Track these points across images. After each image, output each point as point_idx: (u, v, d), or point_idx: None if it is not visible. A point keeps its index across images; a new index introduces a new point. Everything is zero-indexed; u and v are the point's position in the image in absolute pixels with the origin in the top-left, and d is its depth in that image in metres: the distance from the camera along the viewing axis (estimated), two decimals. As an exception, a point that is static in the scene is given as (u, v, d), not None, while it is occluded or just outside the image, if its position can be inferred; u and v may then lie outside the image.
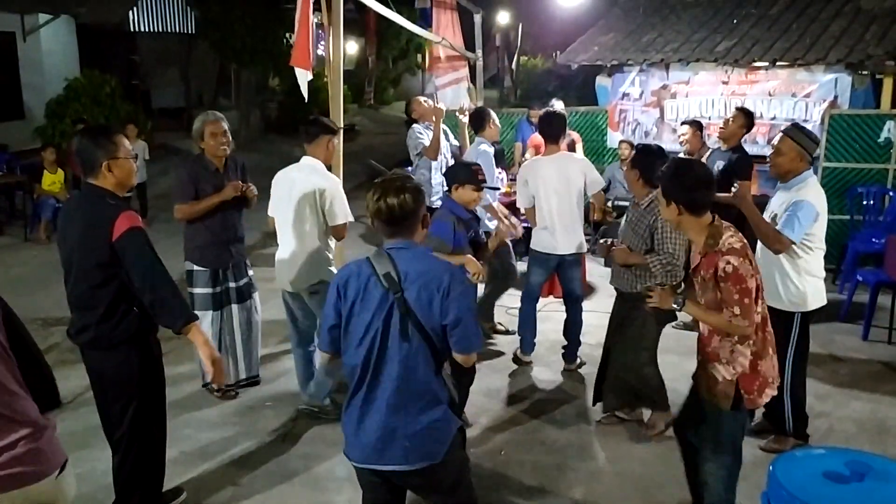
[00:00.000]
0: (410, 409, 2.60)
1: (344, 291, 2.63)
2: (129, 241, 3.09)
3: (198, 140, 4.73)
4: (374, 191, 2.63)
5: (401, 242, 2.64)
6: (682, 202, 3.03)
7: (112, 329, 3.20)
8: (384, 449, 2.61)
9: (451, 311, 2.55)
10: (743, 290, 2.92)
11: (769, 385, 3.13)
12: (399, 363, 2.58)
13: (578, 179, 5.19)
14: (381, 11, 7.55)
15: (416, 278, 2.55)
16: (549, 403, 5.02)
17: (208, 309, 4.80)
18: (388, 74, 28.20)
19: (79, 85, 12.53)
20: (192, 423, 4.66)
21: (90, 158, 3.17)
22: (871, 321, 6.10)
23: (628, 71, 9.44)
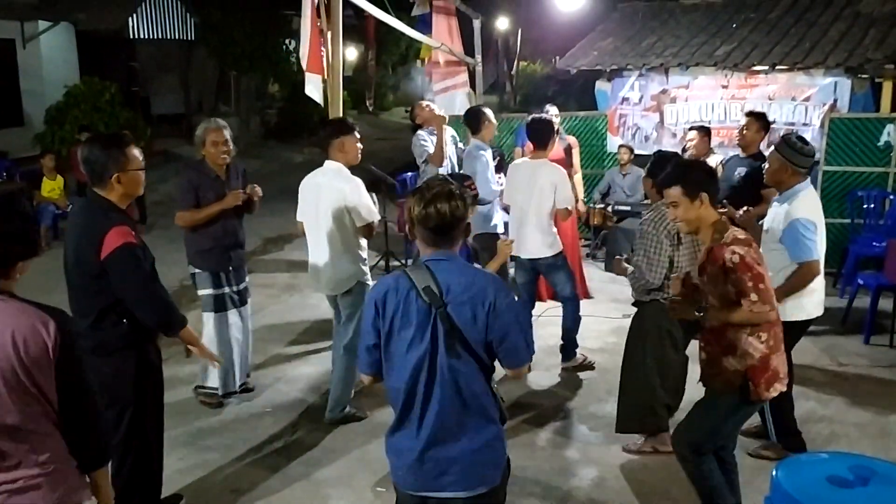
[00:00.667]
0: (465, 429, 2.45)
1: (382, 307, 2.45)
2: (118, 258, 3.08)
3: (199, 147, 4.76)
4: (422, 196, 2.44)
5: (440, 254, 2.47)
6: (708, 192, 3.10)
7: (104, 336, 3.21)
8: (441, 475, 2.46)
9: (496, 326, 2.40)
10: (755, 275, 2.96)
11: (779, 380, 3.15)
12: (449, 382, 2.41)
13: (548, 190, 5.13)
14: (381, 17, 7.55)
15: (459, 292, 2.40)
16: (550, 408, 5.00)
17: (211, 311, 4.85)
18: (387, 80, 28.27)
19: (78, 92, 12.55)
20: (192, 429, 4.64)
21: (100, 169, 3.12)
22: (872, 325, 6.08)
23: (628, 75, 9.44)
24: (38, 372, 2.05)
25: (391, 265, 8.29)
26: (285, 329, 6.50)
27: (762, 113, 5.91)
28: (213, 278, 4.81)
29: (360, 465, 4.27)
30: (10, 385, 2.02)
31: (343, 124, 4.75)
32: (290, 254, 9.03)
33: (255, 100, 20.06)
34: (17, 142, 13.01)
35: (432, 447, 2.45)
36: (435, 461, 2.45)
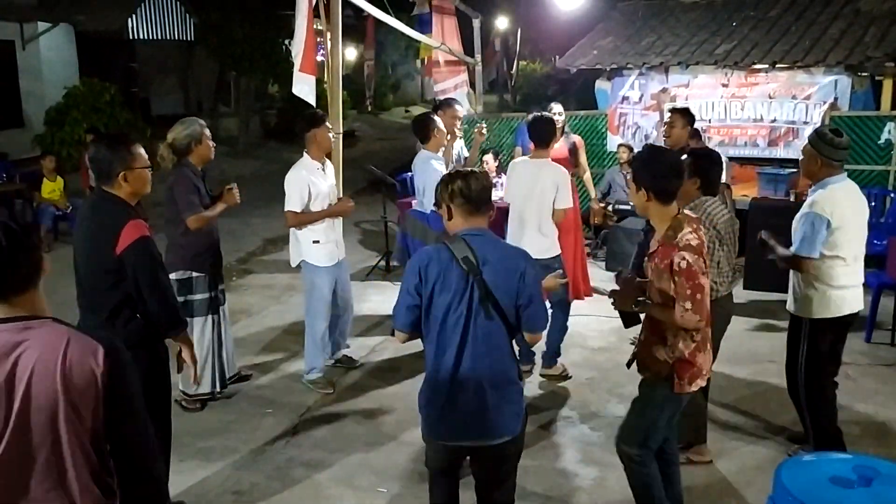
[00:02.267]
0: (495, 385, 2.78)
1: (425, 274, 2.76)
2: (136, 251, 3.12)
3: (191, 145, 4.62)
4: (457, 174, 2.85)
5: (475, 230, 2.81)
6: (651, 189, 3.09)
7: (117, 333, 3.19)
8: (469, 425, 2.79)
9: (525, 293, 2.75)
10: (696, 286, 2.99)
11: (701, 376, 3.22)
12: (483, 341, 2.75)
13: (550, 190, 5.05)
14: (380, 17, 7.54)
15: (494, 262, 2.74)
16: (551, 408, 4.99)
17: (206, 314, 4.82)
18: (387, 80, 28.25)
19: (78, 93, 12.54)
20: (193, 429, 4.63)
21: (106, 168, 3.18)
22: (873, 324, 6.07)
23: (628, 74, 9.43)
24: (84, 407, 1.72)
25: (391, 265, 8.28)
26: (285, 330, 6.49)
27: (686, 108, 5.75)
28: (209, 281, 4.80)
29: (362, 466, 4.26)
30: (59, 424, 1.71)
31: (313, 117, 5.10)
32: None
33: (255, 100, 20.03)
34: (17, 143, 13.02)
35: (463, 399, 2.78)
36: (465, 413, 2.79)
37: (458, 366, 2.77)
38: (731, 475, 4.12)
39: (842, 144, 3.88)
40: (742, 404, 4.92)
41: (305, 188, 4.92)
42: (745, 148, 8.91)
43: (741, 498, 3.91)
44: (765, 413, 4.80)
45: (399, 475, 4.15)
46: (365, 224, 10.56)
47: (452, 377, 2.78)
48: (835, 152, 3.86)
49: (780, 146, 8.64)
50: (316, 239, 5.07)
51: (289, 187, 4.95)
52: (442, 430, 2.87)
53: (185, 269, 4.71)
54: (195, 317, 4.74)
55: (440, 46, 10.09)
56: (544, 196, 5.07)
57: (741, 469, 4.18)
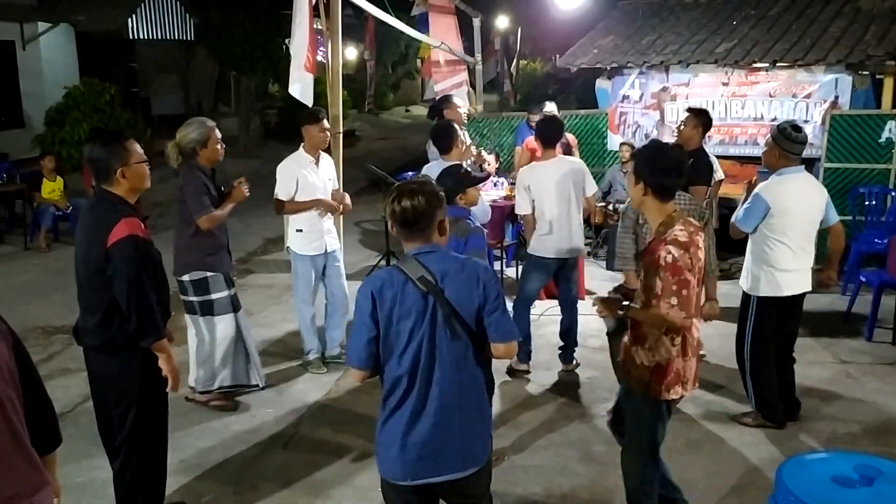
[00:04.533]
0: (465, 410, 2.58)
1: (379, 299, 2.52)
2: (121, 248, 3.08)
3: (198, 146, 4.61)
4: (391, 194, 2.61)
5: (426, 247, 2.57)
6: (649, 184, 3.07)
7: (113, 334, 3.19)
8: (438, 458, 2.56)
9: (489, 301, 2.55)
10: (681, 281, 2.96)
11: (681, 383, 3.15)
12: (451, 364, 2.54)
13: (578, 183, 5.23)
14: (380, 16, 7.53)
15: (452, 275, 2.53)
16: (550, 407, 4.99)
17: (230, 311, 4.80)
18: (387, 79, 28.24)
19: (78, 93, 12.53)
20: (193, 430, 4.63)
21: (104, 166, 3.17)
22: (875, 322, 6.06)
23: (628, 73, 9.42)
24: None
25: (391, 264, 8.26)
26: (287, 329, 6.48)
27: (703, 109, 5.88)
28: (226, 279, 4.79)
29: (363, 465, 4.25)
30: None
31: (307, 115, 5.26)
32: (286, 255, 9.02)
33: (255, 100, 20.03)
34: (18, 143, 13.02)
35: (434, 432, 2.54)
36: (435, 446, 2.55)
37: (424, 396, 2.54)
38: (733, 474, 4.11)
39: (798, 139, 4.30)
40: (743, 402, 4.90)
41: (293, 179, 5.15)
42: (745, 147, 8.90)
43: (742, 497, 3.90)
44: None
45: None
46: (365, 223, 10.55)
47: (415, 409, 2.54)
48: (792, 146, 4.28)
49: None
50: (300, 228, 5.28)
51: (278, 176, 5.21)
52: (403, 470, 2.58)
53: (200, 270, 4.67)
54: (217, 315, 4.74)
55: (440, 46, 10.08)
56: (576, 190, 5.21)
57: (742, 468, 4.17)
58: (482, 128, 10.35)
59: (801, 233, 4.38)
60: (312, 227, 5.29)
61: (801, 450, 4.33)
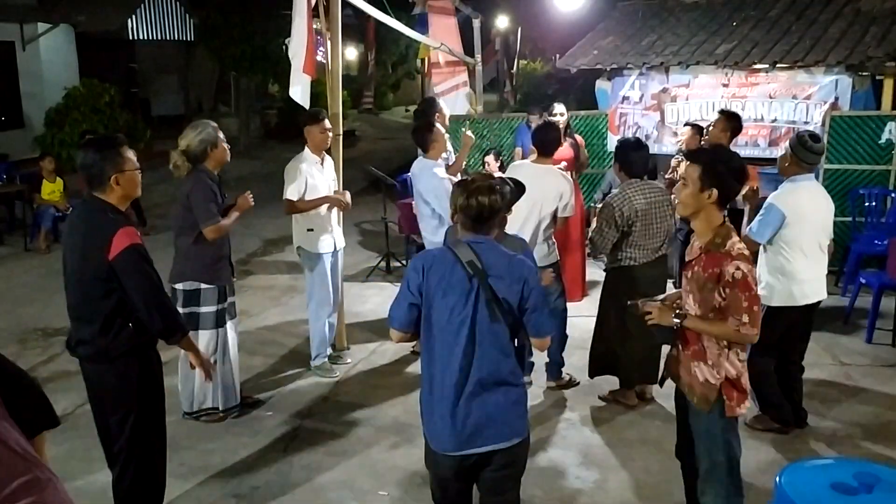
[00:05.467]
0: (502, 387, 2.75)
1: (427, 273, 2.74)
2: (127, 258, 3.07)
3: (206, 150, 4.48)
4: (465, 188, 2.81)
5: (479, 238, 2.80)
6: (723, 191, 2.94)
7: (110, 342, 3.18)
8: (480, 431, 2.72)
9: (530, 298, 2.73)
10: (752, 297, 2.87)
11: (748, 398, 3.12)
12: (490, 345, 2.71)
13: (552, 199, 4.97)
14: (380, 18, 7.52)
15: (498, 268, 2.72)
16: (549, 411, 4.99)
17: (212, 327, 4.63)
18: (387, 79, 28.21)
19: (78, 94, 12.52)
20: (193, 434, 4.63)
21: (98, 173, 3.13)
22: (874, 324, 6.06)
23: (628, 74, 9.40)
24: None
25: (392, 266, 8.27)
26: (286, 332, 6.49)
27: (734, 113, 6.02)
28: (219, 292, 4.62)
29: (363, 469, 4.26)
30: None
31: (308, 115, 5.31)
32: (291, 255, 8.93)
33: (255, 100, 20.02)
34: (18, 144, 13.02)
35: (476, 405, 2.71)
36: (475, 419, 2.72)
37: (466, 369, 2.71)
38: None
39: (815, 149, 4.28)
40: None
41: (302, 178, 5.15)
42: (745, 148, 8.87)
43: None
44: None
45: (400, 478, 4.14)
46: (365, 224, 10.55)
47: (459, 382, 2.71)
48: (807, 155, 4.27)
49: (780, 146, 8.58)
50: (310, 227, 5.28)
51: (286, 176, 5.20)
52: (452, 442, 2.74)
53: (194, 280, 4.53)
54: (200, 329, 4.55)
55: (440, 47, 10.07)
56: (546, 204, 4.96)
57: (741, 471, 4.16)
58: (482, 128, 10.33)
59: (816, 241, 4.36)
60: (322, 225, 5.33)
61: (801, 453, 4.34)
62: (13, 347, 6.21)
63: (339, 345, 5.93)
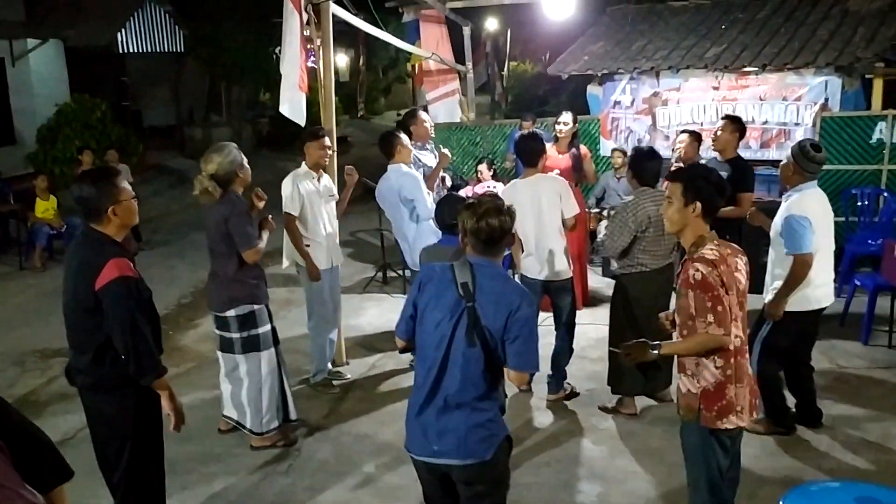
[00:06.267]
0: (465, 407, 2.79)
1: (424, 286, 2.87)
2: (112, 290, 3.05)
3: (238, 171, 4.43)
4: (474, 211, 2.81)
5: (484, 260, 2.84)
6: (705, 202, 3.02)
7: (104, 373, 3.18)
8: (439, 442, 2.80)
9: (514, 329, 2.73)
10: (714, 297, 2.92)
11: (735, 412, 3.04)
12: (462, 365, 2.77)
13: (554, 204, 5.02)
14: (371, 31, 7.54)
15: (489, 292, 2.75)
16: (550, 422, 5.00)
17: (271, 346, 4.61)
18: (378, 84, 28.22)
19: (69, 110, 12.52)
20: (195, 455, 4.62)
21: (94, 206, 3.13)
22: (871, 326, 6.09)
23: (619, 79, 9.43)
24: None
25: (388, 276, 8.27)
26: (286, 347, 6.38)
27: (738, 117, 6.14)
28: (267, 310, 4.62)
29: (366, 487, 4.26)
30: None
31: (308, 133, 5.38)
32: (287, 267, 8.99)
33: (247, 109, 20.01)
34: (9, 161, 12.97)
35: (438, 419, 2.81)
36: (437, 431, 2.80)
37: (436, 383, 2.81)
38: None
39: (816, 159, 4.34)
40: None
41: (297, 192, 5.21)
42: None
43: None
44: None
45: (401, 495, 4.15)
46: (360, 234, 10.54)
47: (429, 392, 2.82)
48: (810, 165, 4.33)
49: (772, 148, 8.66)
50: (306, 243, 5.29)
51: (283, 192, 5.25)
52: (413, 442, 2.90)
53: (246, 304, 4.48)
54: (262, 350, 4.54)
55: (431, 56, 10.09)
56: (551, 211, 5.02)
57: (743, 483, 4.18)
58: (475, 135, 10.37)
59: (827, 246, 4.43)
60: (319, 240, 5.33)
61: (800, 460, 4.36)
62: (12, 371, 6.20)
63: (338, 360, 5.93)
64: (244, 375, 4.57)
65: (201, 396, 5.45)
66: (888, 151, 7.74)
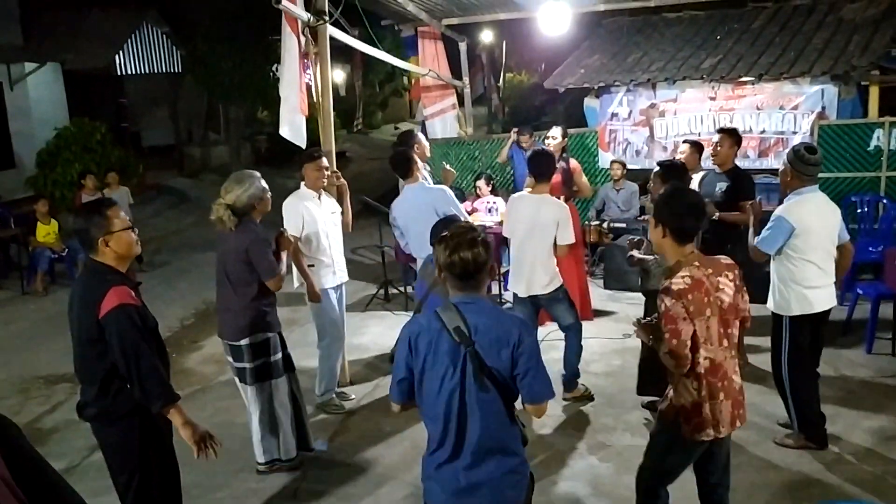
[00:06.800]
0: (494, 458, 2.66)
1: (416, 346, 2.66)
2: (114, 318, 3.06)
3: (255, 204, 4.40)
4: (446, 244, 2.64)
5: (468, 297, 2.67)
6: (668, 226, 3.11)
7: (110, 404, 3.18)
8: (472, 498, 2.66)
9: (521, 362, 2.60)
10: (672, 331, 3.00)
11: (712, 426, 3.13)
12: (481, 415, 2.62)
13: (550, 228, 5.10)
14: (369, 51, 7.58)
15: (486, 331, 2.60)
16: (555, 439, 4.99)
17: (285, 372, 4.58)
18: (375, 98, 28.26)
19: (69, 134, 12.56)
20: (202, 482, 4.60)
21: (87, 237, 3.17)
22: (874, 334, 6.09)
23: (616, 91, 9.48)
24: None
25: (390, 293, 8.28)
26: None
27: (734, 129, 6.20)
28: (281, 337, 4.60)
29: (372, 510, 4.25)
30: None
31: (305, 155, 5.39)
32: (288, 286, 8.96)
33: (245, 127, 20.05)
34: (9, 184, 13.02)
35: (468, 472, 2.65)
36: (467, 484, 2.65)
37: (459, 439, 2.65)
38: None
39: (812, 161, 4.39)
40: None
41: (299, 214, 5.19)
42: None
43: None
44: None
45: (410, 519, 4.14)
46: (361, 250, 10.55)
47: (453, 451, 2.65)
48: (806, 168, 4.39)
49: (770, 156, 8.70)
50: (311, 263, 5.26)
51: (284, 214, 5.24)
52: (438, 501, 2.71)
53: (262, 332, 4.44)
54: (274, 378, 4.52)
55: (428, 74, 10.14)
56: (545, 233, 5.10)
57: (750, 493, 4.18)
58: (473, 150, 10.41)
59: (825, 250, 4.48)
60: (324, 259, 5.32)
61: (806, 473, 4.35)
62: (15, 398, 6.19)
63: (341, 380, 5.92)
64: (255, 405, 4.56)
65: (208, 420, 5.39)
66: (886, 158, 7.76)
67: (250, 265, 4.31)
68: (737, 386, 3.20)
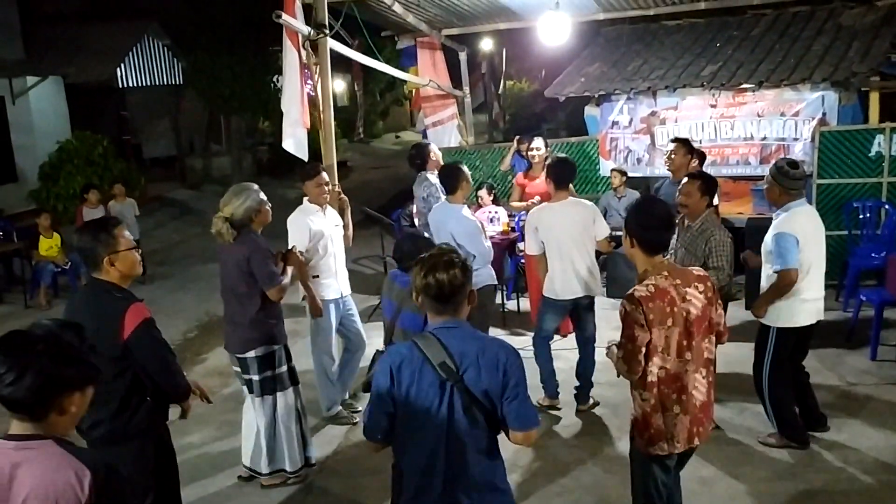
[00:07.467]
0: (486, 495, 2.53)
1: (398, 377, 2.49)
2: (142, 335, 3.08)
3: (253, 216, 4.41)
4: (422, 266, 2.54)
5: (449, 322, 2.54)
6: (635, 238, 3.14)
7: (126, 423, 3.16)
8: None
9: (510, 388, 2.48)
10: (628, 336, 3.04)
11: (666, 440, 3.13)
12: (471, 450, 2.49)
13: (587, 226, 5.29)
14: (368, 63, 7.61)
15: (472, 360, 2.47)
16: (559, 450, 4.97)
17: (289, 386, 4.57)
18: (375, 107, 28.34)
19: (71, 147, 12.60)
20: (208, 496, 4.60)
21: (91, 255, 3.17)
22: (878, 341, 6.08)
23: (616, 99, 9.49)
24: None
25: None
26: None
27: (686, 139, 6.34)
28: (286, 350, 4.60)
29: (378, 524, 4.24)
30: None
31: (305, 170, 5.41)
32: (290, 297, 8.96)
33: (246, 137, 20.11)
34: (12, 198, 13.06)
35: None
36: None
37: (449, 479, 2.49)
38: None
39: (795, 175, 4.45)
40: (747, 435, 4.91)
41: (305, 228, 5.18)
42: (737, 167, 8.98)
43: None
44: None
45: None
46: (363, 261, 10.55)
47: (442, 492, 2.49)
48: (791, 182, 4.45)
49: (772, 163, 8.67)
50: (315, 274, 5.26)
51: (290, 228, 5.25)
52: None
53: (268, 344, 4.45)
54: (279, 391, 4.52)
55: (428, 84, 10.17)
56: (586, 233, 5.28)
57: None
58: (474, 159, 10.41)
59: (819, 262, 4.53)
60: (327, 271, 5.33)
61: (811, 482, 4.34)
62: (20, 413, 6.17)
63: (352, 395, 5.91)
64: (261, 416, 4.55)
65: (212, 434, 5.45)
66: (887, 164, 7.76)
67: (252, 276, 4.33)
68: (697, 402, 3.14)
